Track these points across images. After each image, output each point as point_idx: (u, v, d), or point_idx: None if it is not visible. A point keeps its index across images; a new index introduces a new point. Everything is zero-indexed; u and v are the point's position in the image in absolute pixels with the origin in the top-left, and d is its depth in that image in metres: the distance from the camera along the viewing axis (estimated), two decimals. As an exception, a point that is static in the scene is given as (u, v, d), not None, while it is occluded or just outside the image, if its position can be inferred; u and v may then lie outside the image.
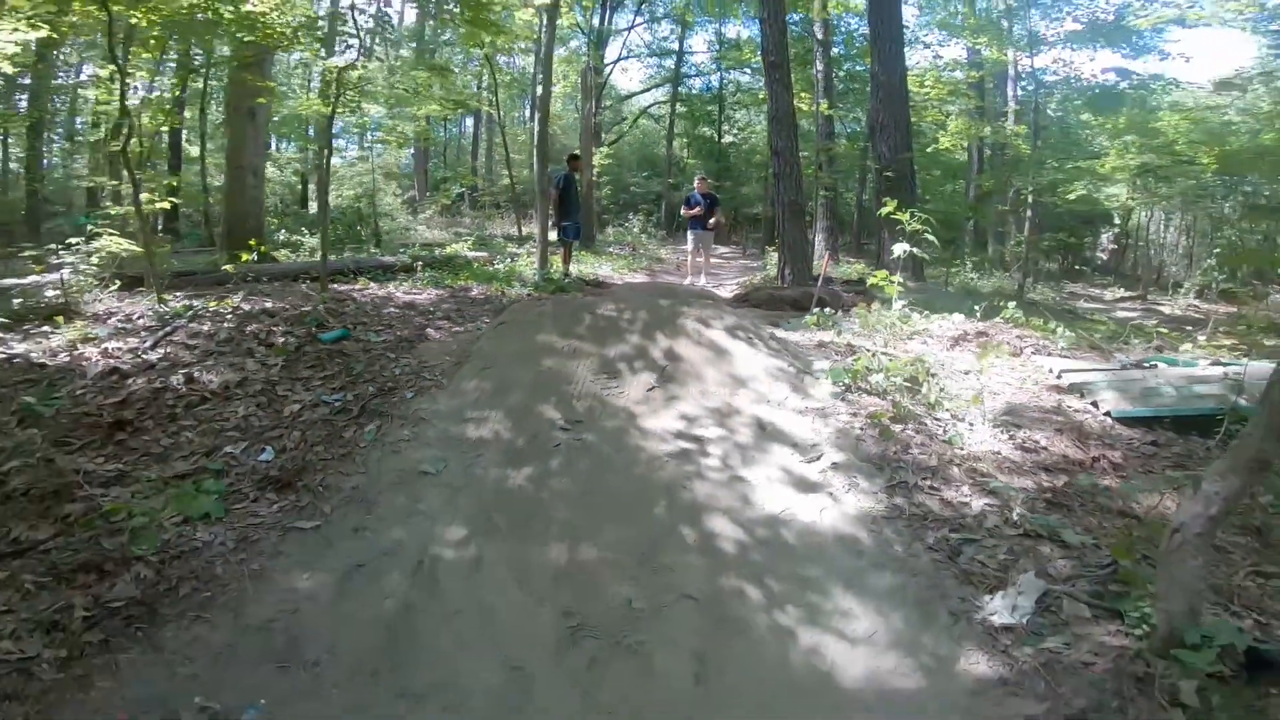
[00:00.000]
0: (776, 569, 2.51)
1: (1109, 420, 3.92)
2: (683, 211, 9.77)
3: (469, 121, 30.16)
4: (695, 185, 9.76)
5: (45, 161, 15.26)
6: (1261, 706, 2.00)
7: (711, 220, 9.63)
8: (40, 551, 2.32)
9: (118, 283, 5.95)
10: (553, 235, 8.63)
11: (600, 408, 3.46)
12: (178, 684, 1.96)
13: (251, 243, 6.94)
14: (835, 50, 16.68)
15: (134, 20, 6.06)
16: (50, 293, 5.22)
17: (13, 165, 15.36)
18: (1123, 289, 15.89)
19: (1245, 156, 10.18)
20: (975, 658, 2.23)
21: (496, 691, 2.00)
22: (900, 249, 5.26)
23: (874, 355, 4.26)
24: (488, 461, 3.07)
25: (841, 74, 17.51)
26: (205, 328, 4.52)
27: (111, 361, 3.91)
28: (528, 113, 27.24)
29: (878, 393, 3.89)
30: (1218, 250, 16.48)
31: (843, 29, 17.31)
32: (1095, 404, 4.09)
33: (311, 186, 19.75)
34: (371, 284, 7.42)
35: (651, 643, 2.16)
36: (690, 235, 10.09)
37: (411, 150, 23.63)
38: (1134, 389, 4.21)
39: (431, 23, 19.63)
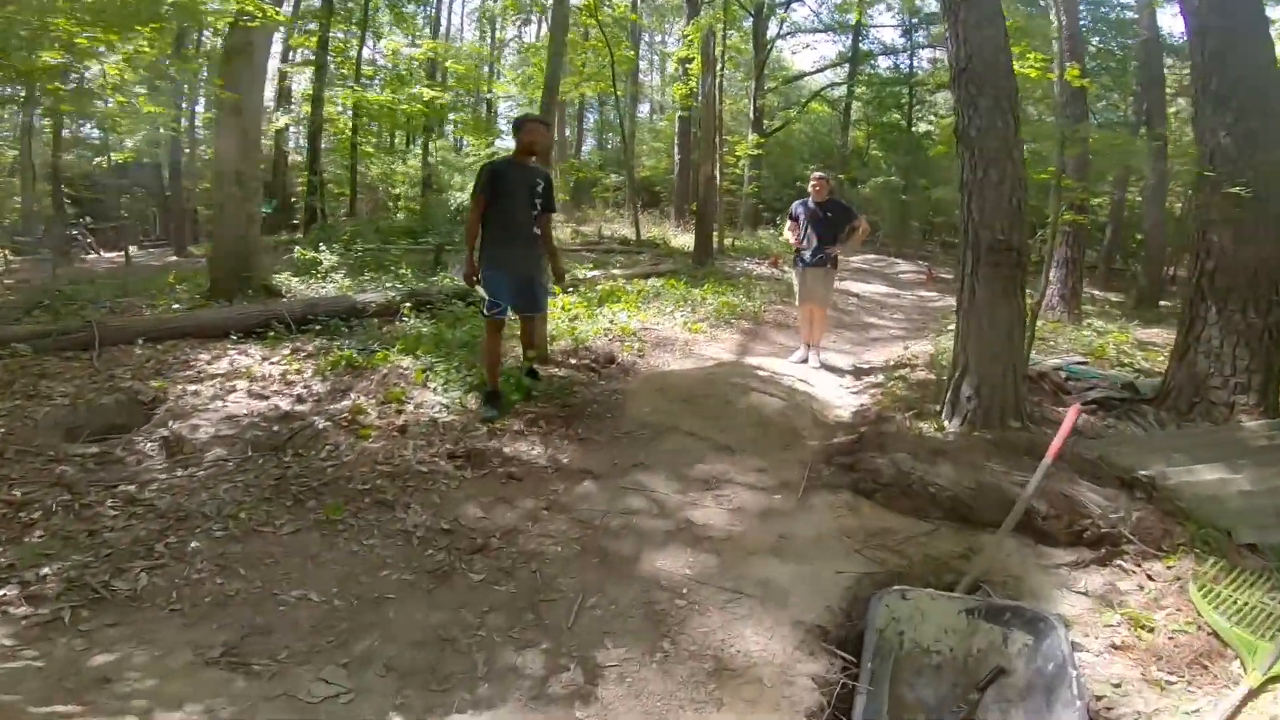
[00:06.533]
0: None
1: None
2: (786, 233, 5.93)
3: (645, 108, 28.61)
4: (811, 187, 5.74)
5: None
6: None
7: (837, 248, 5.74)
8: None
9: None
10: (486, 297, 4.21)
11: None
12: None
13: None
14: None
15: None
16: None
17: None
18: None
19: None
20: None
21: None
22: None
23: None
24: None
25: (1105, 26, 12.13)
26: None
27: None
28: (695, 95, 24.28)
29: None
30: None
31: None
32: None
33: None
34: (280, 347, 4.84)
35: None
36: (795, 274, 6.02)
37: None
38: None
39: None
